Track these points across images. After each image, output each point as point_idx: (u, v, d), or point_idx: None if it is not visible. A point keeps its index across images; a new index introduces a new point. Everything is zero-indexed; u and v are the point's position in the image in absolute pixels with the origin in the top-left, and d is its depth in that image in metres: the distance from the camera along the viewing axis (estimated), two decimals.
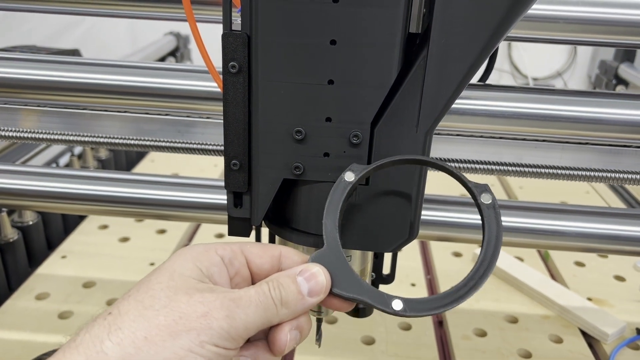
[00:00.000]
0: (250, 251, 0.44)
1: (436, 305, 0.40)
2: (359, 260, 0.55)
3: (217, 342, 0.37)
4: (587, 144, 0.72)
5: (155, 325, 0.36)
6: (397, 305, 0.40)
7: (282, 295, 0.40)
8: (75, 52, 1.42)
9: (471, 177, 0.77)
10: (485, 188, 0.43)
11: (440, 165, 0.44)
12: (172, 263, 0.41)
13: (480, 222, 0.43)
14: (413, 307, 0.40)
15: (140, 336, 0.35)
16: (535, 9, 0.65)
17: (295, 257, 0.44)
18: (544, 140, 0.73)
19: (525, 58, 2.79)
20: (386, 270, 0.66)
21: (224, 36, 0.44)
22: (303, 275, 0.41)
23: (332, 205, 0.43)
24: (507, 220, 0.75)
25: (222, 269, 0.42)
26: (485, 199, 0.42)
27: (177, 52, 2.05)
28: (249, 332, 0.39)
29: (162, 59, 1.90)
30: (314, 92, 0.44)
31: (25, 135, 0.76)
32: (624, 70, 1.85)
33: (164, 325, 0.36)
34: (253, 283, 0.43)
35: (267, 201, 0.49)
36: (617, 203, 1.46)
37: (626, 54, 1.89)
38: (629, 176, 0.69)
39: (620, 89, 1.87)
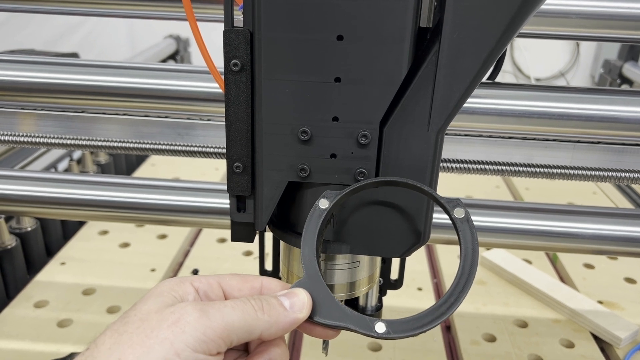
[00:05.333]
0: (228, 284, 0.42)
1: (419, 324, 0.40)
2: (367, 266, 0.53)
3: (195, 347, 0.35)
4: (599, 143, 0.70)
5: (129, 346, 0.35)
6: (380, 328, 0.40)
7: (262, 304, 0.39)
8: (73, 56, 1.40)
9: (480, 177, 0.76)
10: (458, 202, 0.43)
11: (412, 185, 0.44)
12: (148, 295, 0.40)
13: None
14: (396, 329, 0.40)
15: None
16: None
17: (277, 288, 0.43)
18: (554, 140, 0.71)
19: (527, 58, 2.78)
20: (394, 275, 0.65)
21: (225, 33, 0.42)
22: (284, 295, 0.41)
23: (309, 234, 0.43)
24: (516, 222, 0.73)
25: (196, 300, 0.40)
26: (458, 213, 0.43)
27: (177, 55, 2.04)
28: (230, 335, 0.37)
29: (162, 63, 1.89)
30: (319, 91, 0.42)
31: (23, 139, 0.74)
32: (629, 69, 1.83)
33: (137, 344, 0.35)
34: None
35: (271, 205, 0.47)
36: (624, 203, 1.44)
37: (630, 53, 1.87)
38: None
39: (624, 88, 1.85)
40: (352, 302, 0.61)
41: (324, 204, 0.43)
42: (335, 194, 0.44)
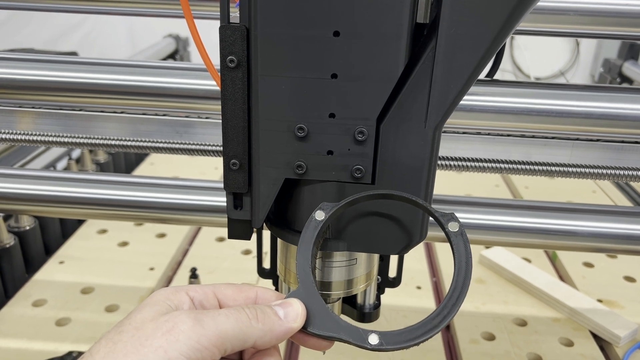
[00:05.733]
0: (223, 293, 0.42)
1: (412, 336, 0.40)
2: (365, 264, 0.52)
3: (189, 355, 0.35)
4: (598, 140, 0.70)
5: (123, 355, 0.35)
6: (373, 339, 0.40)
7: (257, 312, 0.39)
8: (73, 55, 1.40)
9: (479, 176, 0.76)
10: (452, 216, 0.43)
11: (407, 198, 0.44)
12: (143, 304, 0.40)
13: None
14: (389, 341, 0.40)
15: None
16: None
17: (272, 298, 0.43)
18: (553, 138, 0.70)
19: (527, 57, 2.77)
20: (392, 273, 0.64)
21: (221, 29, 0.42)
22: (279, 304, 0.41)
23: (304, 245, 0.43)
24: (515, 220, 0.73)
25: (191, 309, 0.40)
26: (452, 227, 0.43)
27: (177, 55, 2.03)
28: (224, 343, 0.37)
29: None
30: (316, 87, 0.42)
31: (21, 137, 0.74)
32: (628, 68, 1.83)
33: (131, 352, 0.35)
34: None
35: (268, 202, 0.47)
36: (624, 202, 1.44)
37: (630, 52, 1.87)
38: None
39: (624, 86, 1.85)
40: (350, 300, 0.61)
41: (320, 215, 0.44)
42: (331, 206, 0.44)
